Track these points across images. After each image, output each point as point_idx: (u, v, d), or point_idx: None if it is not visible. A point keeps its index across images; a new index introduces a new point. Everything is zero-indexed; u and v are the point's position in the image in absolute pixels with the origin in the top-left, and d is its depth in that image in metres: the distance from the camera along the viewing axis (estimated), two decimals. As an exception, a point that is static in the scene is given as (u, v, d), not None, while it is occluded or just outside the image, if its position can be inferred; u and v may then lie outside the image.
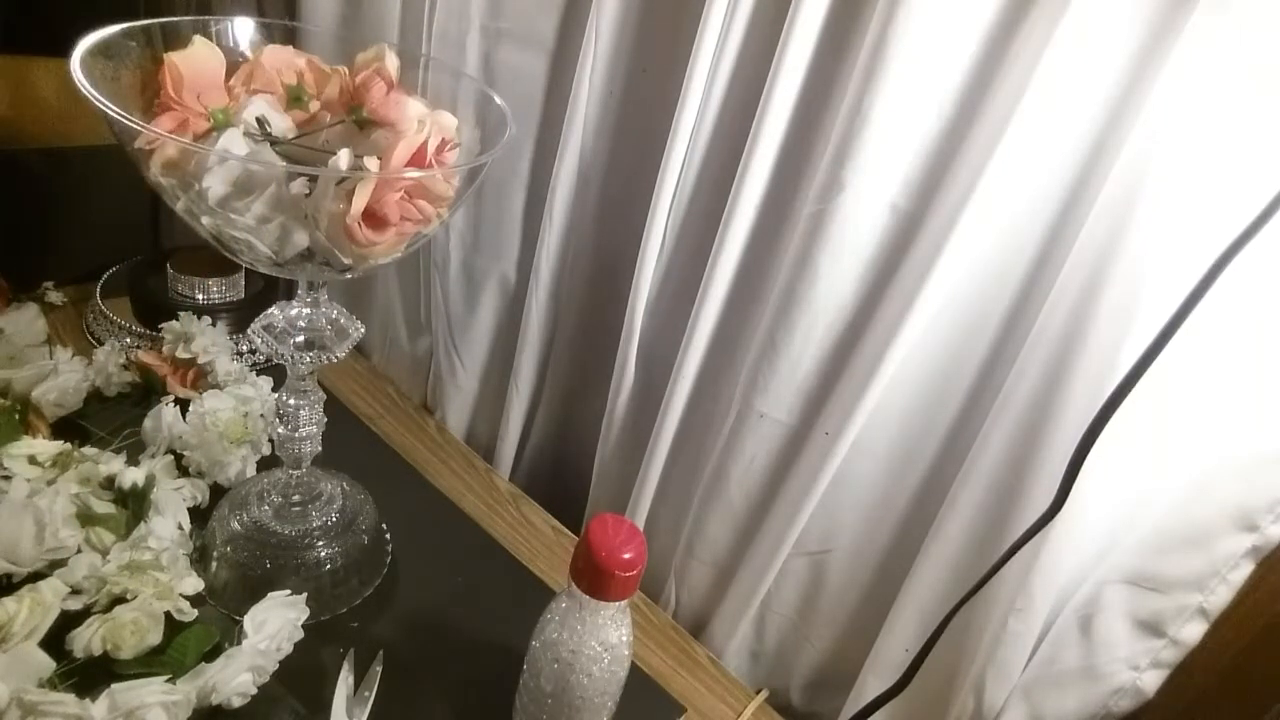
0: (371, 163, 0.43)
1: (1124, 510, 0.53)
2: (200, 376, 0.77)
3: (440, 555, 0.71)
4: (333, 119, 0.49)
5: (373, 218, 0.44)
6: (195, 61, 0.46)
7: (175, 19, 0.48)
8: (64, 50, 0.42)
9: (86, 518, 0.60)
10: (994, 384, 0.56)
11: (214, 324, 0.79)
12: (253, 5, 0.87)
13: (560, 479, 0.88)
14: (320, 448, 0.62)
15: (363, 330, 0.57)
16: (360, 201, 0.43)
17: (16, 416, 0.66)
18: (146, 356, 0.77)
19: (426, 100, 0.48)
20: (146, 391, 0.77)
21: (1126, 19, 0.46)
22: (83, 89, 0.40)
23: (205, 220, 0.45)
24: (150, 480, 0.64)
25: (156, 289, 0.84)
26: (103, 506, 0.62)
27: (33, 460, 0.62)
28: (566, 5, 0.67)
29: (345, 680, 0.58)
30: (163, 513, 0.63)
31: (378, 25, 0.76)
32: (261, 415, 0.72)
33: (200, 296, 0.84)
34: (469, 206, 0.77)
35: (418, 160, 0.45)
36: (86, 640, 0.54)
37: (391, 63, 0.48)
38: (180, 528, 0.63)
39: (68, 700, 0.49)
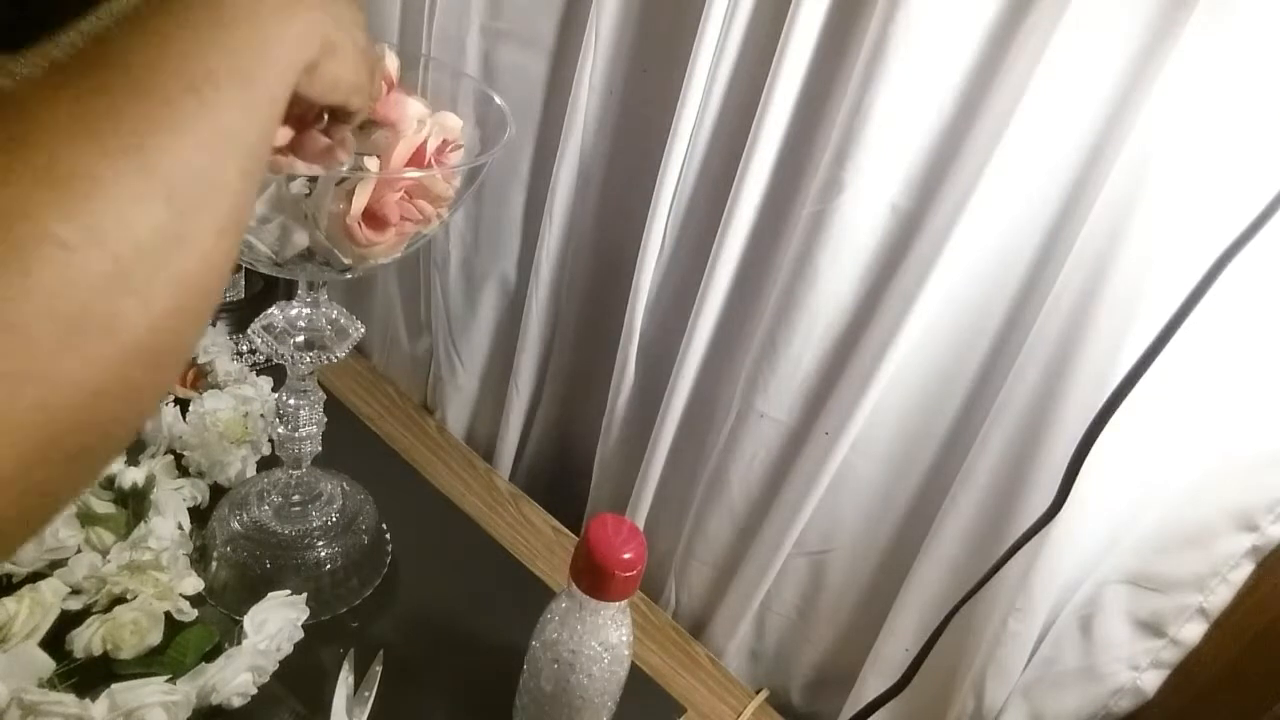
0: (371, 163, 0.43)
1: (1124, 510, 0.53)
2: (200, 376, 0.77)
3: (440, 555, 0.71)
4: (333, 119, 0.49)
5: (373, 218, 0.44)
6: (195, 61, 0.46)
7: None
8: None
9: (86, 518, 0.60)
10: (994, 384, 0.56)
11: (214, 324, 0.79)
12: (253, 5, 0.87)
13: (560, 479, 0.88)
14: (320, 448, 0.62)
15: (363, 330, 0.57)
16: (360, 202, 0.43)
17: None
18: (146, 356, 0.77)
19: (426, 100, 0.48)
20: (146, 391, 0.77)
21: (1126, 19, 0.46)
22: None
23: (205, 220, 0.45)
24: (150, 480, 0.64)
25: (156, 289, 0.84)
26: (103, 506, 0.62)
27: (33, 460, 0.62)
28: (566, 5, 0.66)
29: (345, 680, 0.58)
30: (163, 513, 0.63)
31: (378, 25, 0.76)
32: (261, 415, 0.72)
33: (200, 296, 0.83)
34: (469, 206, 0.77)
35: (417, 160, 0.45)
36: (86, 640, 0.54)
37: (391, 63, 0.48)
38: (180, 528, 0.63)
39: (68, 700, 0.49)
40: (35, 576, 0.57)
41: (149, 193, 0.22)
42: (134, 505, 0.63)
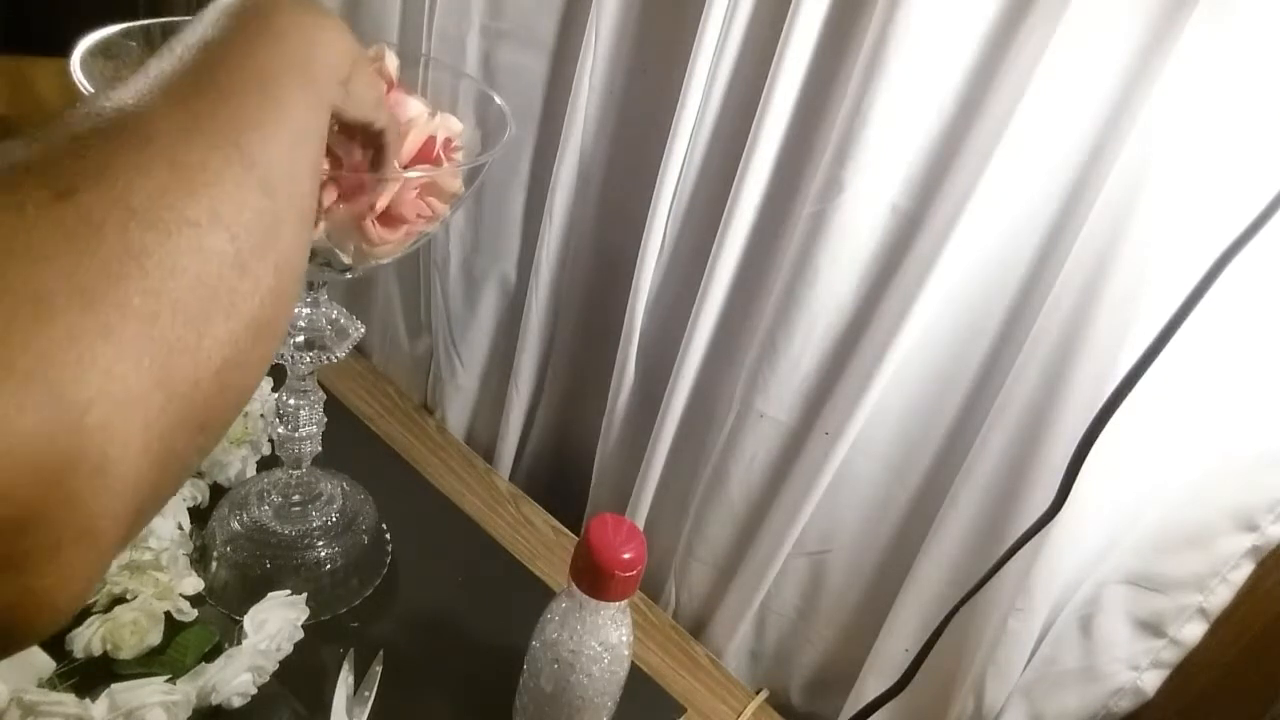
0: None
1: (1124, 510, 0.53)
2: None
3: (440, 555, 0.71)
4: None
5: (387, 216, 0.44)
6: (195, 61, 0.46)
7: (175, 19, 0.48)
8: (64, 50, 0.42)
9: (86, 518, 0.60)
10: (994, 384, 0.56)
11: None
12: (253, 5, 0.87)
13: (560, 479, 0.88)
14: (320, 448, 0.62)
15: (363, 330, 0.57)
16: (384, 202, 0.43)
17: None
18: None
19: (427, 100, 0.48)
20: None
21: (1126, 20, 0.46)
22: (83, 89, 0.40)
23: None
24: (150, 480, 0.64)
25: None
26: (103, 506, 0.62)
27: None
28: (566, 5, 0.67)
29: (345, 680, 0.58)
30: (163, 513, 0.63)
31: (378, 25, 0.76)
32: (261, 415, 0.72)
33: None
34: (469, 206, 0.77)
35: (426, 152, 0.45)
36: (86, 640, 0.54)
37: (391, 63, 0.48)
38: (180, 528, 0.63)
39: (68, 700, 0.49)
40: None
41: (249, 181, 0.26)
42: (134, 505, 0.63)
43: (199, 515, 0.66)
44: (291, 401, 0.58)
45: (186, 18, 0.49)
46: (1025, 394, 0.53)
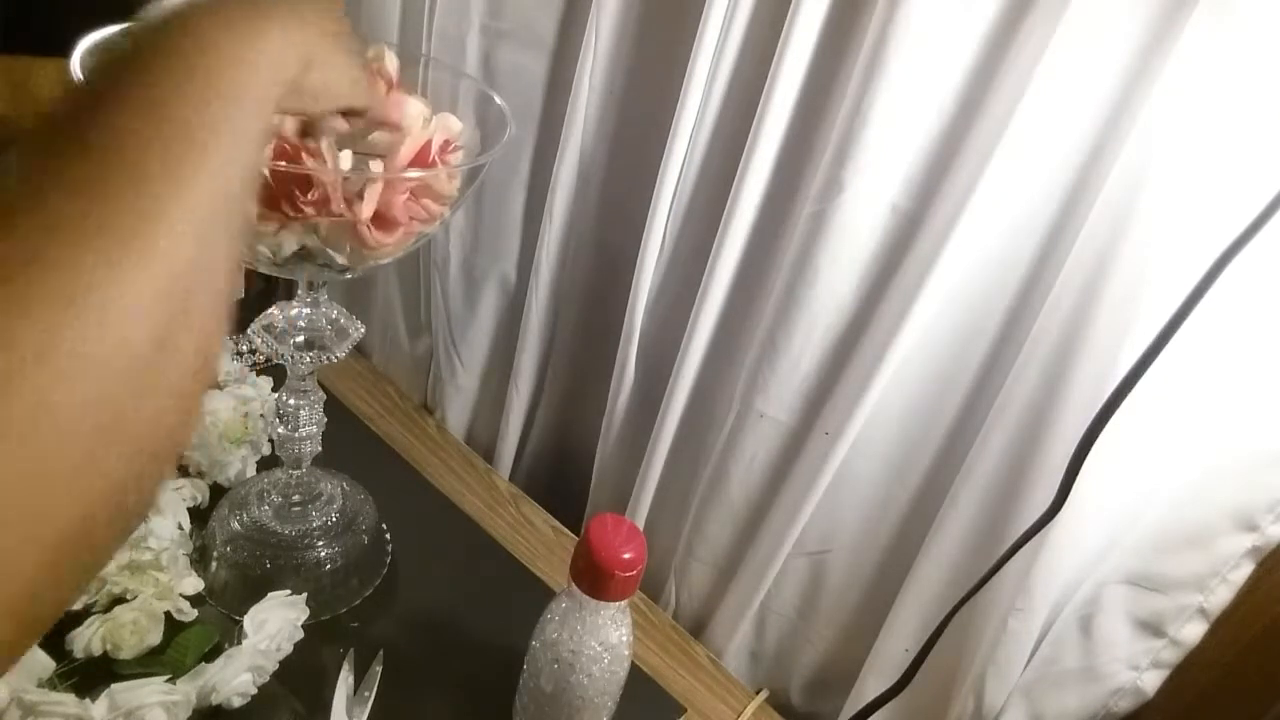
0: (376, 165, 0.43)
1: (1124, 510, 0.53)
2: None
3: (440, 555, 0.71)
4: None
5: (380, 219, 0.44)
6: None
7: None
8: (64, 50, 0.42)
9: (86, 518, 0.60)
10: (994, 384, 0.56)
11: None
12: (253, 5, 0.87)
13: (560, 479, 0.88)
14: (320, 448, 0.62)
15: (363, 330, 0.57)
16: (369, 206, 0.43)
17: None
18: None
19: (427, 100, 0.48)
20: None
21: (1126, 19, 0.46)
22: (83, 89, 0.40)
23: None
24: (150, 480, 0.64)
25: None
26: (103, 506, 0.61)
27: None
28: (566, 5, 0.67)
29: (345, 680, 0.58)
30: (163, 513, 0.63)
31: (378, 25, 0.76)
32: (261, 415, 0.72)
33: (200, 296, 0.83)
34: (469, 206, 0.77)
35: (422, 157, 0.45)
36: (86, 640, 0.54)
37: (391, 63, 0.48)
38: (180, 528, 0.63)
39: (68, 700, 0.49)
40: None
41: (185, 232, 0.25)
42: (134, 505, 0.62)
43: (199, 515, 0.66)
44: (291, 401, 0.58)
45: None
46: (1025, 394, 0.53)
